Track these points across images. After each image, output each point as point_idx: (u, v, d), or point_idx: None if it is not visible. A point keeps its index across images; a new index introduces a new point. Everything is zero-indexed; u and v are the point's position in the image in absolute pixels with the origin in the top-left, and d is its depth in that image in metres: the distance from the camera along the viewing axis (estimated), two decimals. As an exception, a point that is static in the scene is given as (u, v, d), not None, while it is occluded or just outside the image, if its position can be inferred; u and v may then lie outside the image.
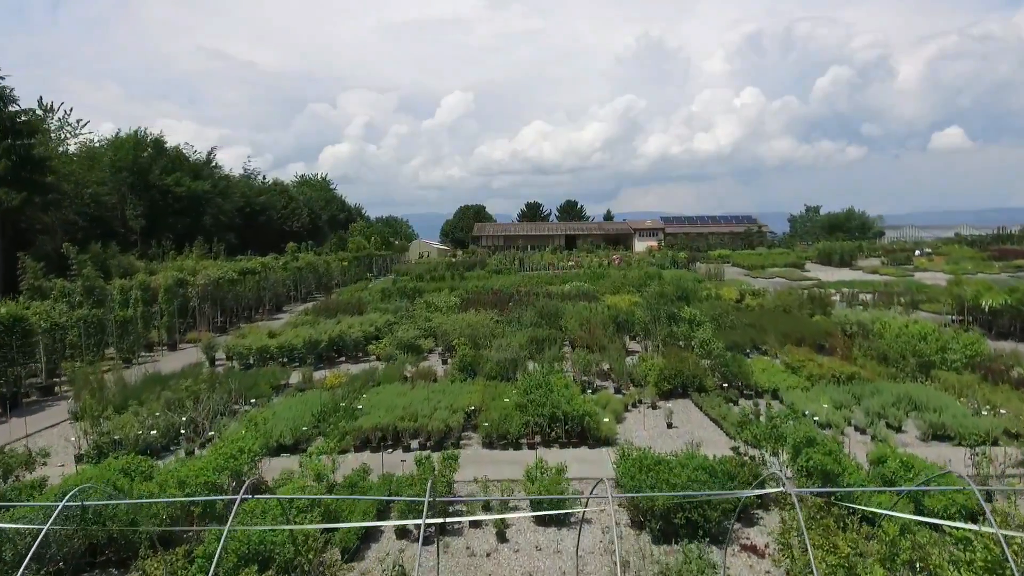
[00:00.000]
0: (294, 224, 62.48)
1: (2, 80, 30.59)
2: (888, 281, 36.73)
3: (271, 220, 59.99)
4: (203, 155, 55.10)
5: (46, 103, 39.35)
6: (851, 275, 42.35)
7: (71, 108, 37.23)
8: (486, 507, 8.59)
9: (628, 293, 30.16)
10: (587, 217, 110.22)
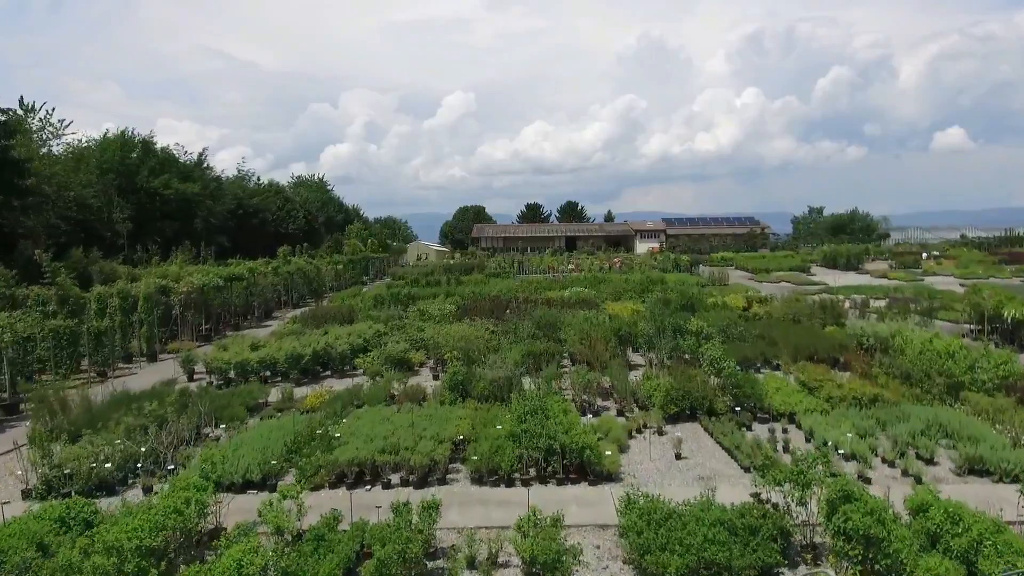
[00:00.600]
0: (289, 226, 61.29)
1: None
2: (898, 286, 35.65)
3: (265, 222, 58.76)
4: (194, 156, 54.11)
5: (27, 103, 38.11)
6: (859, 279, 41.24)
7: (54, 108, 35.92)
8: (470, 564, 7.52)
9: (630, 299, 29.11)
10: (588, 218, 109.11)
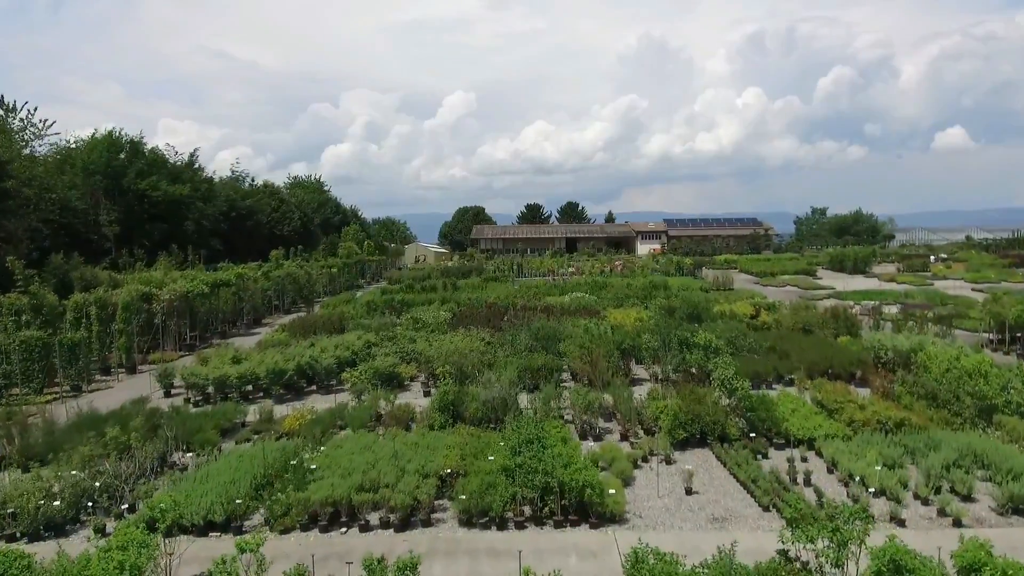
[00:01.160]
0: (285, 228, 60.15)
1: None
2: (908, 291, 34.56)
3: (260, 224, 57.61)
4: (185, 157, 52.90)
5: (8, 102, 36.89)
6: (866, 283, 40.13)
7: (36, 107, 34.60)
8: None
9: (633, 306, 28.04)
10: (588, 219, 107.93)
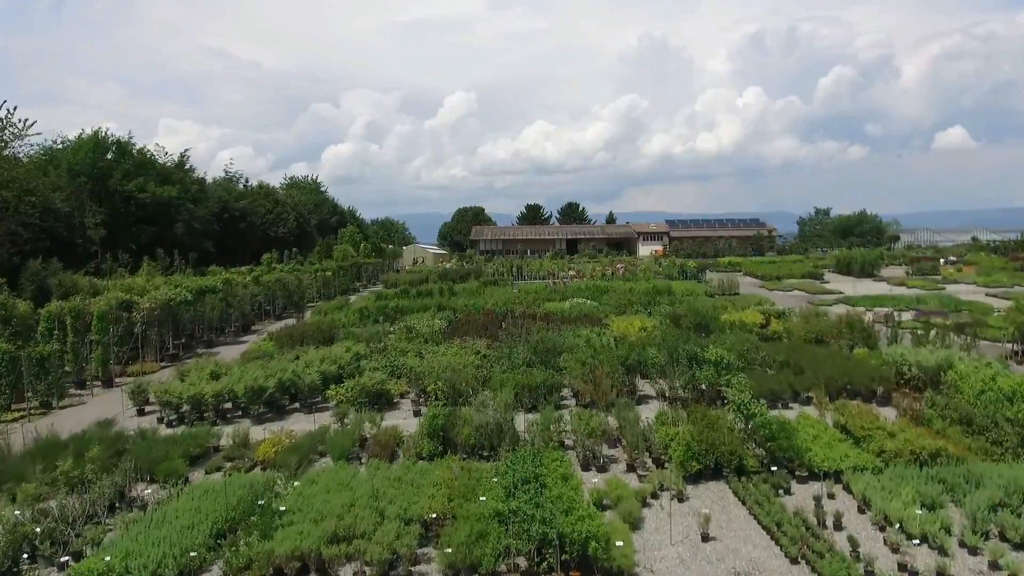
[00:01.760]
0: (280, 229, 58.92)
1: None
2: (919, 296, 33.42)
3: (254, 226, 56.36)
4: (175, 157, 51.64)
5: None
6: (875, 287, 38.96)
7: (15, 107, 33.26)
8: None
9: (636, 313, 26.94)
10: (589, 219, 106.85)
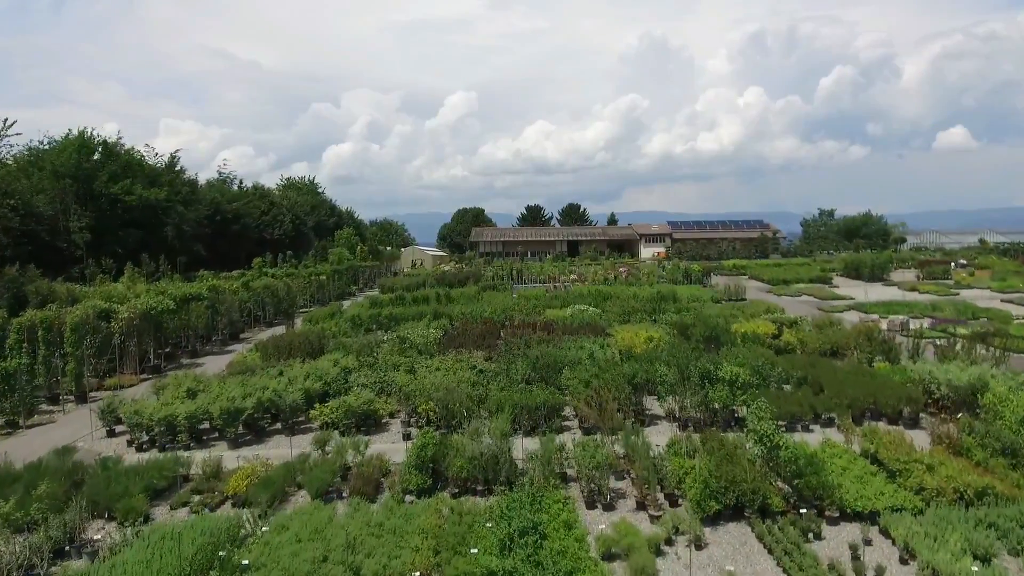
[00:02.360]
0: (275, 232, 57.69)
1: None
2: (933, 302, 32.25)
3: (247, 228, 55.14)
4: (165, 159, 50.43)
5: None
6: (887, 292, 37.79)
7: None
8: None
9: (641, 321, 25.81)
10: (590, 220, 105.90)
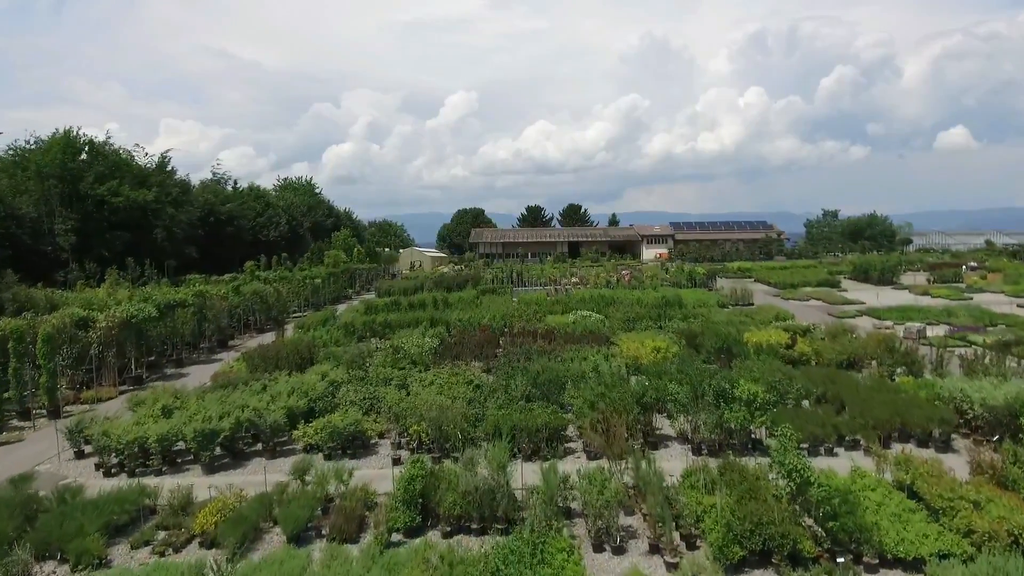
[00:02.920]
0: (270, 233, 56.44)
1: None
2: (947, 307, 31.12)
3: (242, 230, 53.89)
4: (155, 159, 49.20)
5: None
6: (898, 297, 36.67)
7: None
8: None
9: (646, 329, 24.71)
10: (591, 221, 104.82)
